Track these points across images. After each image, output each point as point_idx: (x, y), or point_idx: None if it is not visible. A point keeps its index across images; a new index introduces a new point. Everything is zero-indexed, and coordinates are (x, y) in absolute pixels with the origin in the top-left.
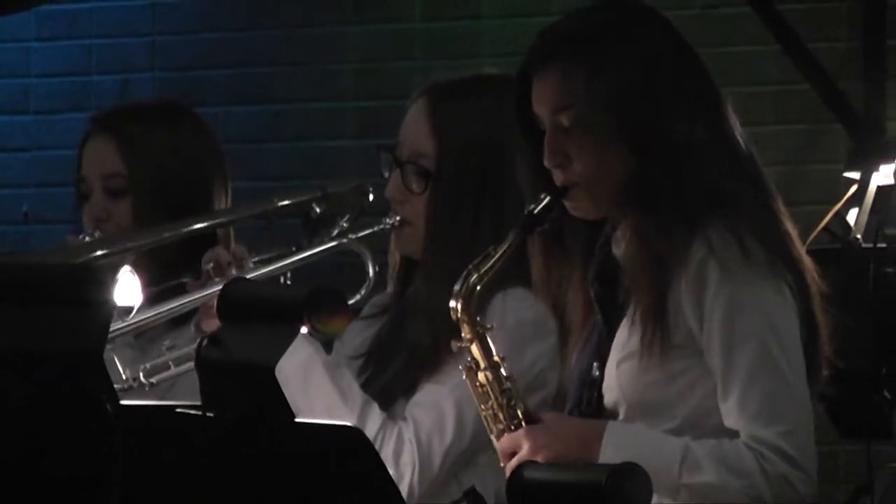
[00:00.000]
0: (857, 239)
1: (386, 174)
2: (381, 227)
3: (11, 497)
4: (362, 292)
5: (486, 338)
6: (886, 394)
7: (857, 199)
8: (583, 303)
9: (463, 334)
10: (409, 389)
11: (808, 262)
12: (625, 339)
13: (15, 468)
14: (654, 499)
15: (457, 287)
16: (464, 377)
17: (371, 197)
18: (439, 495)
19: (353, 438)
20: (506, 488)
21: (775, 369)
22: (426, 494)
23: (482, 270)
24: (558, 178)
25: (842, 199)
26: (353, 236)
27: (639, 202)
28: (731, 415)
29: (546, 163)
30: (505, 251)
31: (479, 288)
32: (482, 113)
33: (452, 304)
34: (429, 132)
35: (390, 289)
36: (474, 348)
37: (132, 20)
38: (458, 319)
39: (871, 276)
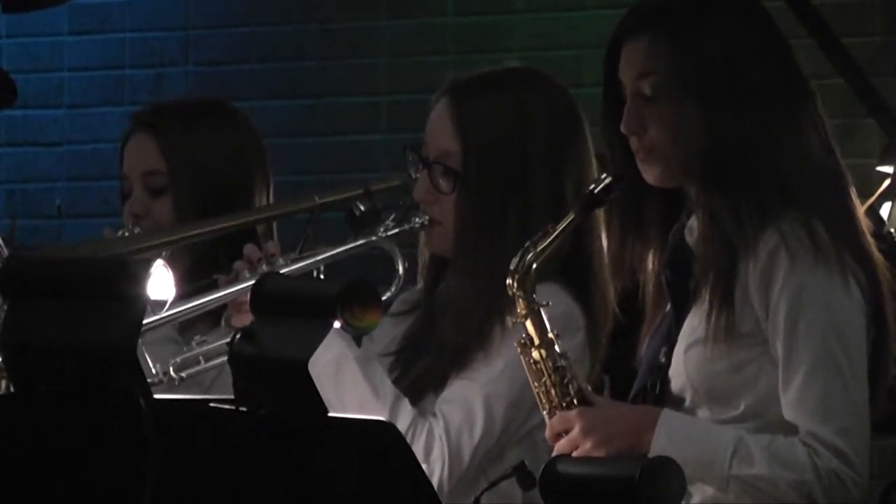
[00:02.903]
0: (891, 233)
1: (414, 175)
2: (411, 226)
3: (46, 490)
4: (392, 290)
5: (540, 314)
6: None
7: (891, 193)
8: (655, 289)
9: (518, 310)
10: (439, 386)
11: (879, 259)
12: (694, 325)
13: (49, 462)
14: (706, 491)
15: (513, 264)
16: (518, 353)
17: (408, 199)
18: (468, 490)
19: (385, 433)
20: (539, 482)
21: (835, 367)
22: (455, 490)
23: (539, 248)
24: (634, 144)
25: (875, 193)
26: (383, 235)
27: (710, 179)
28: (789, 408)
29: (622, 128)
30: (563, 229)
31: (535, 265)
32: (505, 108)
33: (509, 280)
34: (453, 132)
35: (420, 285)
36: (529, 324)
37: (166, 14)
38: (513, 295)
39: None
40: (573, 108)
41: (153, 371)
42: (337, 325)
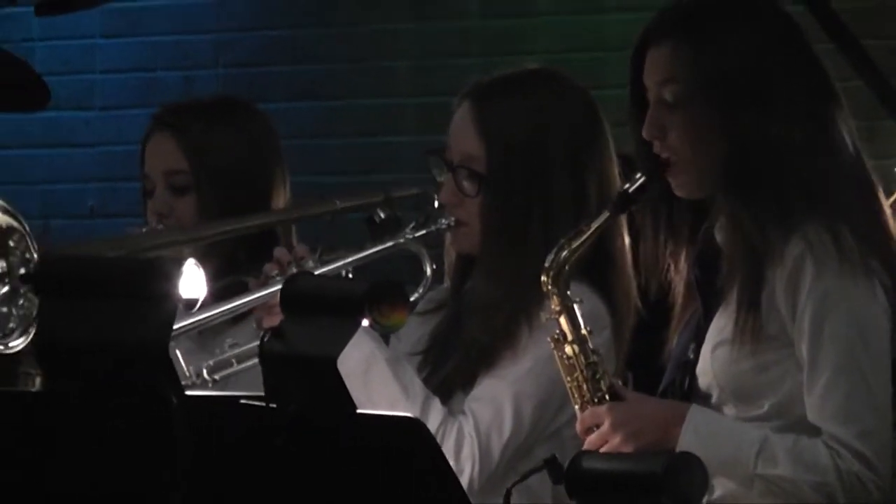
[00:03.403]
0: None
1: (438, 178)
2: (437, 227)
3: (79, 484)
4: (420, 290)
5: (573, 311)
6: None
7: None
8: (685, 286)
9: (552, 306)
10: (468, 384)
11: None
12: (721, 325)
13: (82, 457)
14: (727, 485)
15: (548, 261)
16: (551, 348)
17: (437, 204)
18: (498, 488)
19: (414, 430)
20: (565, 477)
21: (858, 372)
22: (486, 487)
23: (573, 246)
24: (656, 148)
25: (895, 194)
26: (410, 237)
27: (734, 188)
28: (812, 410)
29: (644, 133)
30: (597, 228)
31: (569, 263)
32: (526, 111)
33: (543, 277)
34: (476, 135)
35: (446, 284)
36: (562, 320)
37: (196, 18)
38: (547, 291)
39: None
40: (594, 109)
41: (187, 374)
42: (365, 323)
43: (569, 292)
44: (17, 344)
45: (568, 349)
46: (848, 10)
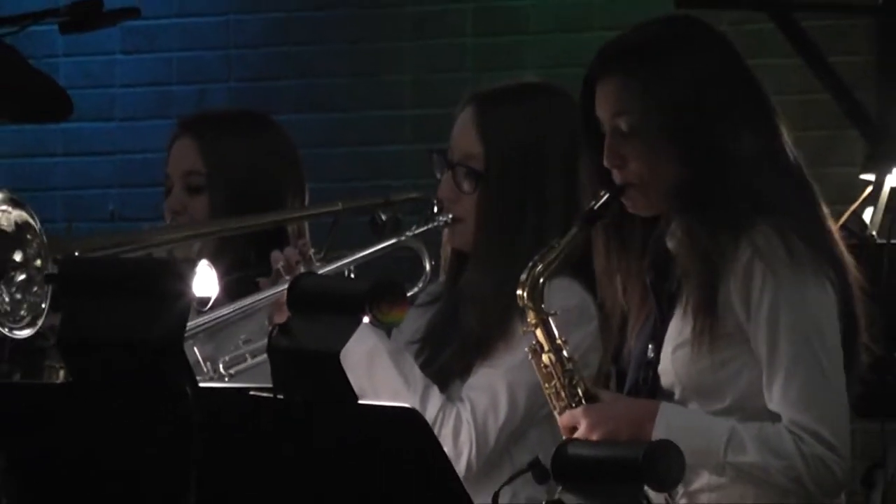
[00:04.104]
0: (873, 236)
1: (439, 175)
2: (435, 223)
3: (102, 471)
4: (420, 284)
5: (549, 322)
6: None
7: (873, 199)
8: (640, 290)
9: (528, 319)
10: (464, 372)
11: (849, 260)
12: (679, 328)
13: (103, 446)
14: (707, 477)
15: (523, 277)
16: (529, 358)
17: (436, 209)
18: (494, 470)
19: (411, 420)
20: (551, 463)
21: (815, 361)
22: (482, 469)
23: (546, 262)
24: (616, 176)
25: (858, 199)
26: (409, 233)
27: (688, 204)
28: (773, 400)
29: (605, 163)
30: (567, 243)
31: (542, 278)
32: (525, 118)
33: (519, 291)
34: (477, 137)
35: (442, 279)
36: (538, 332)
37: (209, 35)
38: (523, 306)
39: (885, 269)
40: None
41: (204, 369)
42: (366, 320)
43: (543, 305)
44: (24, 334)
45: (545, 358)
46: (814, 27)
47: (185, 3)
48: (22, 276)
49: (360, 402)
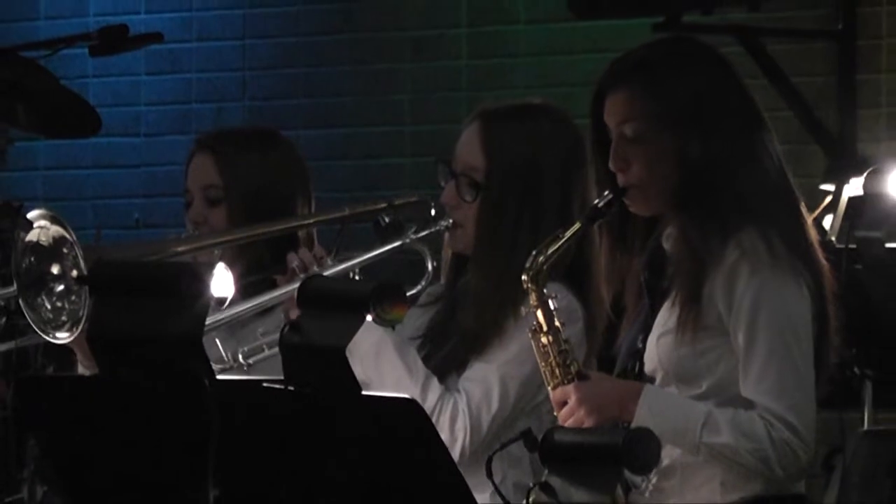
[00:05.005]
0: (832, 241)
1: (442, 183)
2: (437, 228)
3: (128, 459)
4: (422, 283)
5: (548, 306)
6: (856, 370)
7: (832, 208)
8: (636, 287)
9: (531, 301)
10: (461, 366)
11: (825, 264)
12: (665, 317)
13: (129, 433)
14: (678, 454)
15: (528, 263)
16: (529, 337)
17: (433, 212)
18: (486, 454)
19: (410, 410)
20: (538, 449)
21: (788, 355)
22: (475, 454)
23: (550, 251)
24: (620, 179)
25: (819, 207)
26: (413, 237)
27: (683, 206)
28: (748, 388)
29: (610, 165)
30: (571, 236)
31: (546, 265)
32: (526, 135)
33: (524, 277)
34: (480, 150)
35: (443, 280)
36: (539, 314)
37: (226, 58)
38: (527, 289)
39: (843, 272)
40: (580, 138)
41: (225, 358)
42: (369, 318)
43: (545, 290)
44: (65, 337)
45: (543, 339)
46: (779, 51)
47: (204, 29)
48: (60, 287)
49: (364, 393)
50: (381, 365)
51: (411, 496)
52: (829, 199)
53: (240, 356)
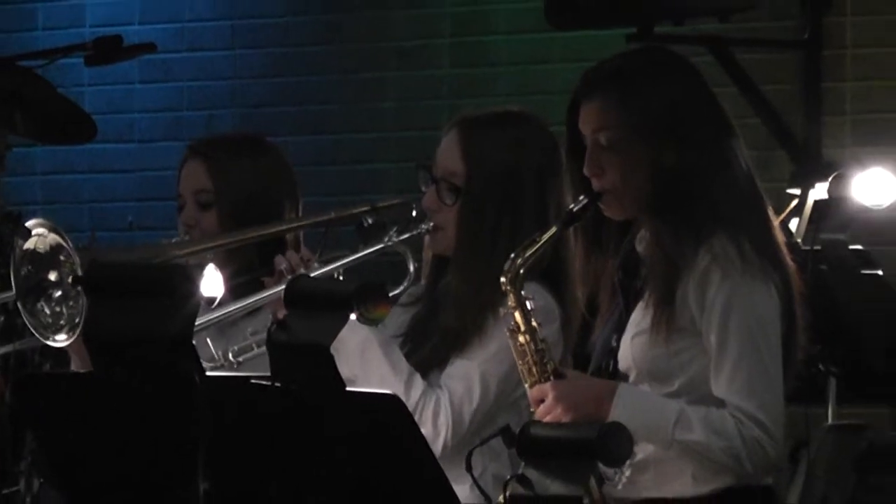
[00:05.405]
0: (798, 243)
1: (423, 188)
2: (419, 231)
3: (119, 454)
4: (405, 284)
5: (526, 306)
6: (821, 367)
7: (798, 211)
8: (610, 287)
9: (509, 303)
10: (442, 364)
11: (793, 267)
12: (639, 318)
13: (123, 429)
14: (651, 449)
15: (506, 265)
16: (507, 336)
17: (414, 213)
18: (466, 448)
19: (392, 404)
20: (516, 442)
21: (758, 356)
22: (457, 448)
23: (527, 254)
24: (595, 184)
25: (786, 211)
26: (396, 239)
27: (657, 212)
28: (719, 387)
29: (585, 171)
30: (548, 239)
31: (523, 268)
32: (504, 142)
33: (502, 279)
34: (460, 156)
35: (423, 281)
36: (516, 314)
37: (217, 67)
38: (505, 290)
39: (809, 273)
40: (556, 144)
41: (216, 357)
42: (353, 317)
43: (523, 292)
44: (63, 339)
45: (520, 338)
46: (747, 60)
47: (196, 39)
48: (58, 293)
49: (348, 388)
50: (366, 363)
51: (393, 488)
52: (795, 202)
53: (230, 355)
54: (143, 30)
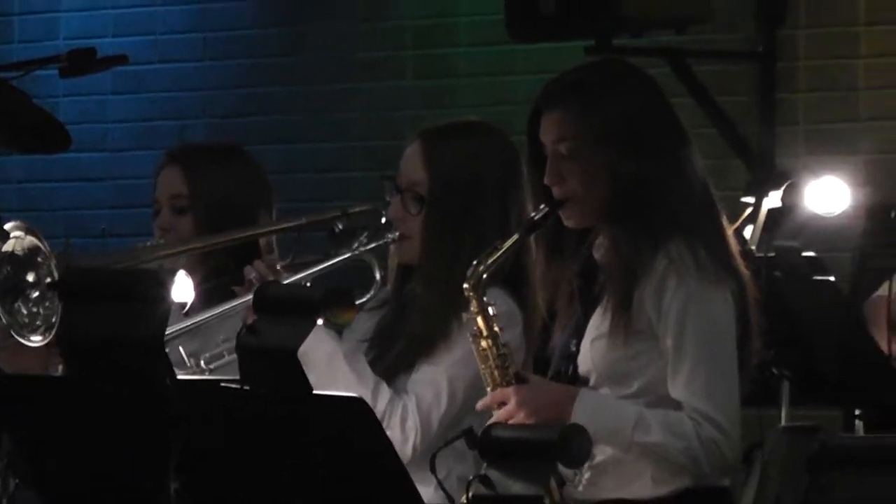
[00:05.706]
0: (752, 250)
1: (388, 198)
2: (385, 240)
3: (93, 456)
4: (372, 291)
5: (488, 312)
6: (775, 370)
7: (753, 219)
8: (568, 293)
9: (471, 308)
10: (409, 368)
11: (746, 273)
12: (598, 322)
13: (97, 431)
14: (611, 451)
15: (469, 272)
16: (470, 341)
17: (384, 220)
18: (432, 450)
19: (357, 408)
20: (479, 444)
21: (714, 359)
22: (425, 452)
23: (489, 261)
24: (556, 193)
25: (740, 218)
26: (363, 248)
27: (615, 219)
28: (677, 389)
29: (546, 180)
30: (509, 247)
31: (485, 274)
32: (466, 152)
33: (465, 285)
34: (423, 166)
35: (389, 287)
36: (479, 320)
37: (188, 78)
38: (468, 297)
39: (763, 279)
40: (517, 154)
41: (188, 364)
42: (320, 322)
43: (485, 298)
44: (38, 340)
45: (483, 343)
46: (704, 72)
47: (167, 51)
48: (35, 294)
49: (315, 392)
50: (334, 374)
51: (357, 488)
52: (749, 210)
53: (202, 361)
54: (116, 42)
